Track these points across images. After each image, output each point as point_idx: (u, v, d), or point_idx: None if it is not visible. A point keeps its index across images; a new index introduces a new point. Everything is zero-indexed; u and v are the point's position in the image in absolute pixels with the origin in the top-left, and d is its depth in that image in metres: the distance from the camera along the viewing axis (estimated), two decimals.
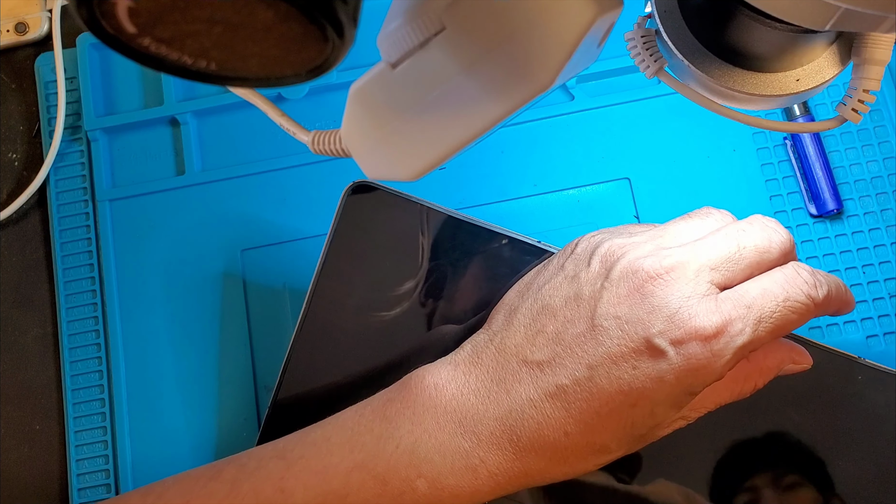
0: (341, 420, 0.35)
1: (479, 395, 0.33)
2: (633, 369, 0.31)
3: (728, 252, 0.32)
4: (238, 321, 0.45)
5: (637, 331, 0.31)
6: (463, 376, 0.34)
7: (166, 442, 0.44)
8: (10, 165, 0.49)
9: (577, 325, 0.32)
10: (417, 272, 0.41)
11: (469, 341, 0.36)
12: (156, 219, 0.46)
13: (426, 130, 0.27)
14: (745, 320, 0.31)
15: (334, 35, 0.19)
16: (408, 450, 0.33)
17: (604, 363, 0.31)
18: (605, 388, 0.31)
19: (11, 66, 0.50)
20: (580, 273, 0.34)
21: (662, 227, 0.35)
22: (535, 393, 0.32)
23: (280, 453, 0.35)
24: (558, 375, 0.32)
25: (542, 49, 0.25)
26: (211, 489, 0.34)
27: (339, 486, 0.33)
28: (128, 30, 0.19)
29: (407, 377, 0.35)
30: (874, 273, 0.44)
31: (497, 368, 0.33)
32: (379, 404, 0.34)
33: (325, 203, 0.45)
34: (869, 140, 0.45)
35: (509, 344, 0.34)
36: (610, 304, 0.32)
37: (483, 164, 0.46)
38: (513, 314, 0.35)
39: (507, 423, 0.32)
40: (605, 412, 0.31)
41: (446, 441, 0.33)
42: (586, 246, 0.35)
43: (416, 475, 0.33)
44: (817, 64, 0.28)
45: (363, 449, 0.33)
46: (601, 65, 0.46)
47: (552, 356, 0.32)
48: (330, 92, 0.48)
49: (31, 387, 0.45)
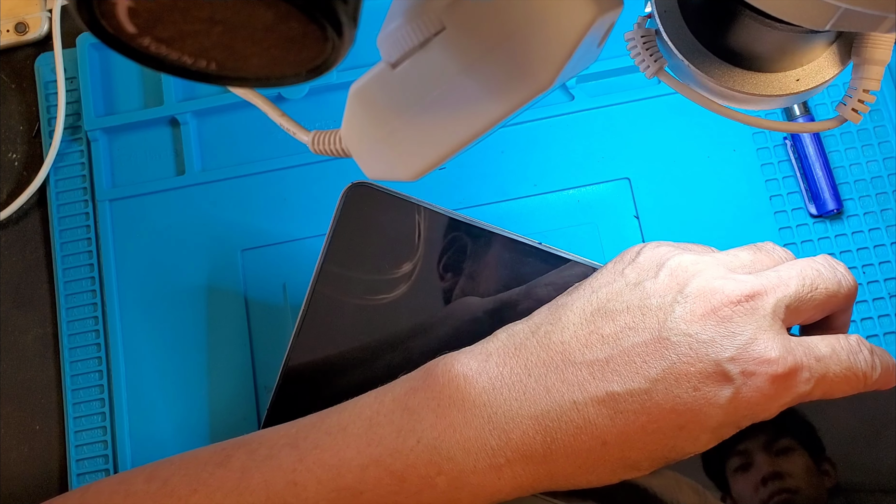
0: (359, 407, 0.33)
1: (514, 390, 0.31)
2: (693, 390, 0.30)
3: (803, 291, 0.32)
4: (238, 321, 0.45)
5: (708, 352, 0.30)
6: (496, 368, 0.32)
7: (166, 441, 0.44)
8: (10, 165, 0.49)
9: (639, 333, 0.31)
10: (417, 273, 0.41)
11: (503, 331, 0.34)
12: (156, 219, 0.46)
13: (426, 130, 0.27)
14: (813, 371, 0.31)
15: (334, 35, 0.19)
16: (429, 445, 0.31)
17: (665, 378, 0.30)
18: (659, 403, 0.30)
19: (11, 66, 0.50)
20: (645, 282, 0.32)
21: (724, 252, 0.34)
22: (580, 395, 0.31)
23: (293, 440, 0.33)
24: (610, 382, 0.30)
25: (542, 49, 0.25)
26: (219, 477, 0.32)
27: (353, 482, 0.31)
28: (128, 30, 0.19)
29: (432, 364, 0.33)
30: (874, 273, 0.44)
31: (537, 363, 0.32)
32: (401, 393, 0.33)
33: (324, 203, 0.45)
34: (869, 140, 0.45)
35: (555, 340, 0.32)
36: (682, 319, 0.31)
37: (483, 164, 0.46)
38: (561, 310, 0.33)
39: (543, 424, 0.31)
40: (652, 429, 0.30)
41: (472, 437, 0.31)
42: (652, 256, 0.33)
43: (437, 472, 0.31)
44: (817, 64, 0.28)
45: (381, 443, 0.31)
46: (601, 65, 0.46)
47: (606, 360, 0.31)
48: (330, 92, 0.48)
49: (31, 387, 0.45)
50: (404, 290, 0.41)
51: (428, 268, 0.41)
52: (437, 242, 0.41)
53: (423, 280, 0.41)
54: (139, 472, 0.34)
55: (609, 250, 0.44)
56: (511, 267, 0.40)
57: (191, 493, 0.32)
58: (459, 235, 0.41)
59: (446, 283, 0.41)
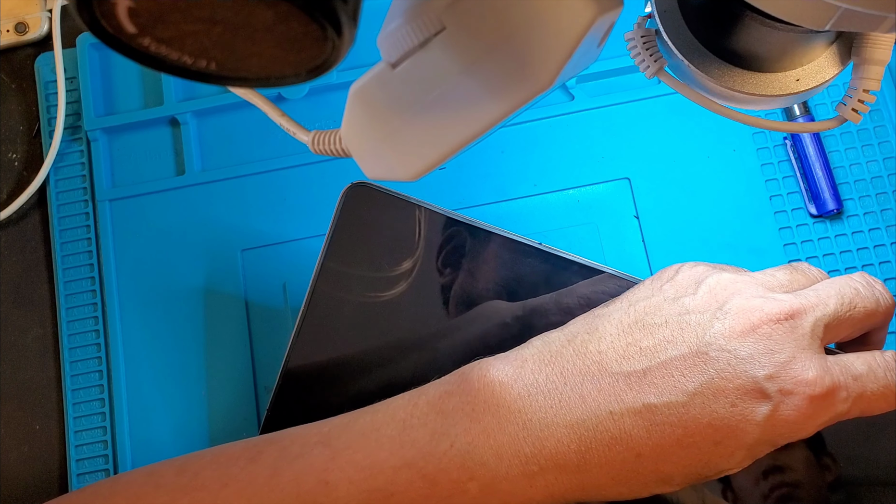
0: (392, 409, 0.33)
1: (549, 398, 0.31)
2: (731, 406, 0.30)
3: (841, 309, 0.32)
4: (238, 321, 0.45)
5: (746, 369, 0.30)
6: (531, 375, 0.32)
7: (166, 441, 0.44)
8: (10, 165, 0.49)
9: (678, 347, 0.31)
10: (416, 273, 0.41)
11: (538, 338, 0.34)
12: (156, 219, 0.46)
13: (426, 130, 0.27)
14: (850, 391, 0.31)
15: (334, 35, 0.19)
16: (463, 450, 0.31)
17: (703, 393, 0.30)
18: (696, 417, 0.30)
19: (11, 66, 0.50)
20: (683, 298, 0.32)
21: (761, 272, 0.34)
22: (617, 406, 0.31)
23: (325, 439, 0.33)
24: (647, 393, 0.30)
25: (542, 49, 0.25)
26: (250, 472, 0.32)
27: (385, 484, 0.31)
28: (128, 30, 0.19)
29: (467, 369, 0.33)
30: (874, 273, 0.44)
31: (574, 372, 0.31)
32: (435, 396, 0.32)
33: (324, 203, 0.45)
34: (869, 140, 0.45)
35: (592, 349, 0.32)
36: (722, 335, 0.31)
37: (483, 164, 0.46)
38: (598, 320, 0.33)
39: (579, 433, 0.31)
40: (688, 443, 0.30)
41: (506, 444, 0.31)
42: (690, 274, 0.34)
43: (469, 478, 0.31)
44: (817, 64, 0.28)
45: (414, 445, 0.31)
46: (601, 65, 0.46)
47: (643, 372, 0.31)
48: (330, 92, 0.48)
49: (31, 387, 0.45)
50: (404, 289, 0.41)
51: (428, 268, 0.41)
52: (437, 242, 0.41)
53: (423, 280, 0.41)
54: (168, 465, 0.34)
55: (609, 250, 0.44)
56: (511, 267, 0.40)
57: (221, 487, 0.32)
58: (459, 235, 0.41)
59: (446, 282, 0.41)
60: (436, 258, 0.41)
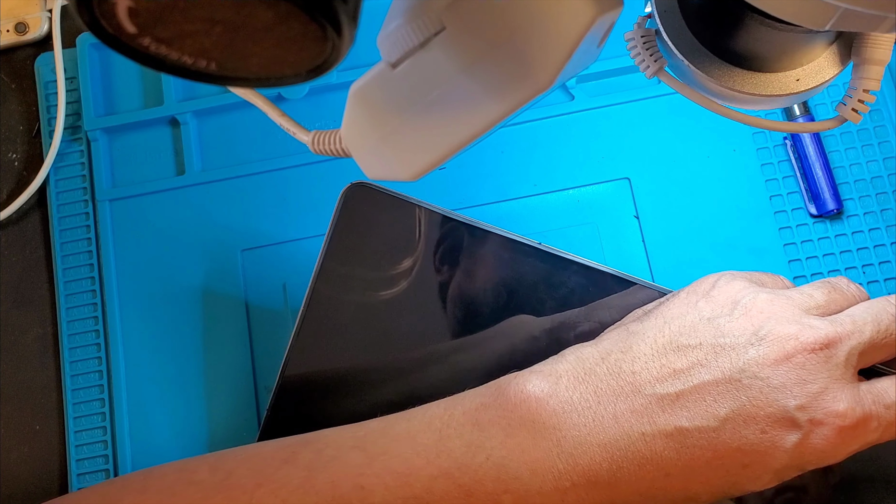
0: (428, 417, 0.33)
1: (583, 416, 0.31)
2: (761, 433, 0.30)
3: (877, 336, 0.32)
4: (238, 321, 0.45)
5: (778, 398, 0.30)
6: (566, 392, 0.32)
7: (166, 442, 0.44)
8: (10, 165, 0.49)
9: (711, 371, 0.31)
10: (416, 273, 0.41)
11: (571, 352, 0.34)
12: (156, 219, 0.46)
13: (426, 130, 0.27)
14: (881, 420, 0.31)
15: (334, 35, 0.19)
16: (497, 463, 0.31)
17: (735, 419, 0.31)
18: (726, 442, 0.30)
19: (11, 66, 0.50)
20: (719, 319, 0.33)
21: (798, 290, 0.34)
22: (649, 427, 0.31)
23: (360, 443, 0.33)
24: (679, 417, 0.31)
25: (542, 49, 0.25)
26: (285, 474, 0.32)
27: (421, 492, 0.31)
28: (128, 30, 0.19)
29: (504, 382, 0.33)
30: (874, 273, 0.44)
31: (607, 391, 0.32)
32: (471, 407, 0.33)
33: (324, 203, 0.45)
34: (869, 140, 0.45)
35: (626, 369, 0.32)
36: (755, 362, 0.31)
37: (483, 164, 0.46)
38: (632, 338, 0.33)
39: (611, 452, 0.31)
40: (716, 465, 0.31)
41: (540, 459, 0.31)
42: (727, 290, 0.34)
43: (503, 490, 0.31)
44: (817, 64, 0.28)
45: (450, 456, 0.32)
46: (601, 65, 0.46)
47: (676, 395, 0.31)
48: (330, 92, 0.48)
49: (31, 387, 0.45)
50: (404, 288, 0.41)
51: (427, 267, 0.41)
52: (437, 242, 0.41)
53: (423, 280, 0.41)
54: (201, 461, 0.34)
55: (609, 250, 0.44)
56: (511, 267, 0.40)
57: (255, 486, 0.32)
58: (459, 236, 0.41)
59: (446, 283, 0.41)
60: (436, 258, 0.41)
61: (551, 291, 0.40)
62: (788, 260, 0.44)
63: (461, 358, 0.39)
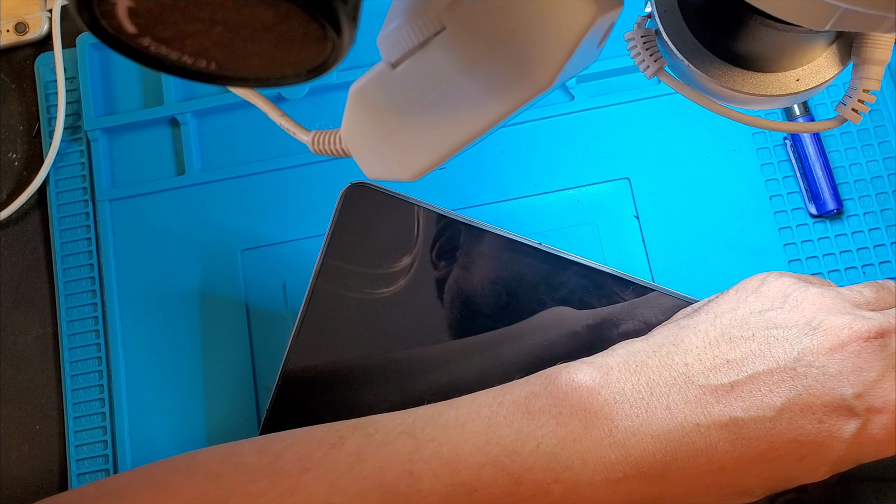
0: (477, 405, 0.33)
1: (636, 407, 0.31)
2: (818, 422, 0.30)
3: None
4: (238, 321, 0.45)
5: (834, 386, 0.30)
6: (617, 383, 0.32)
7: (166, 441, 0.44)
8: (10, 165, 0.49)
9: (765, 362, 0.31)
10: (415, 272, 0.41)
11: (622, 346, 0.34)
12: (156, 219, 0.46)
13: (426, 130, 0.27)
14: None
15: (334, 35, 0.19)
16: (548, 452, 0.31)
17: (790, 408, 0.30)
18: (782, 433, 0.30)
19: (11, 66, 0.50)
20: (770, 312, 0.33)
21: (847, 288, 0.34)
22: (703, 418, 0.31)
23: (409, 430, 0.33)
24: (734, 407, 0.31)
25: (542, 49, 0.25)
26: (333, 458, 0.32)
27: (469, 479, 0.31)
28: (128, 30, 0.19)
29: (554, 371, 0.33)
30: (874, 273, 0.44)
31: (660, 383, 0.32)
32: (521, 396, 0.32)
33: (324, 203, 0.45)
34: (869, 140, 0.45)
35: (678, 361, 0.32)
36: (810, 351, 0.31)
37: (483, 164, 0.46)
38: (683, 332, 0.33)
39: (664, 443, 0.31)
40: (771, 457, 0.30)
41: (591, 449, 0.31)
42: (776, 286, 0.34)
43: (553, 479, 0.31)
44: (817, 64, 0.28)
45: (500, 443, 0.31)
46: (601, 65, 0.46)
47: (730, 385, 0.31)
48: (330, 92, 0.48)
49: (31, 387, 0.45)
50: (404, 288, 0.41)
51: (427, 268, 0.41)
52: (437, 243, 0.41)
53: (423, 280, 0.41)
54: (248, 445, 0.34)
55: (609, 250, 0.44)
56: (511, 267, 0.40)
57: (303, 471, 0.32)
58: (459, 236, 0.41)
59: (445, 282, 0.41)
60: (435, 258, 0.41)
61: (551, 292, 0.40)
62: (788, 260, 0.44)
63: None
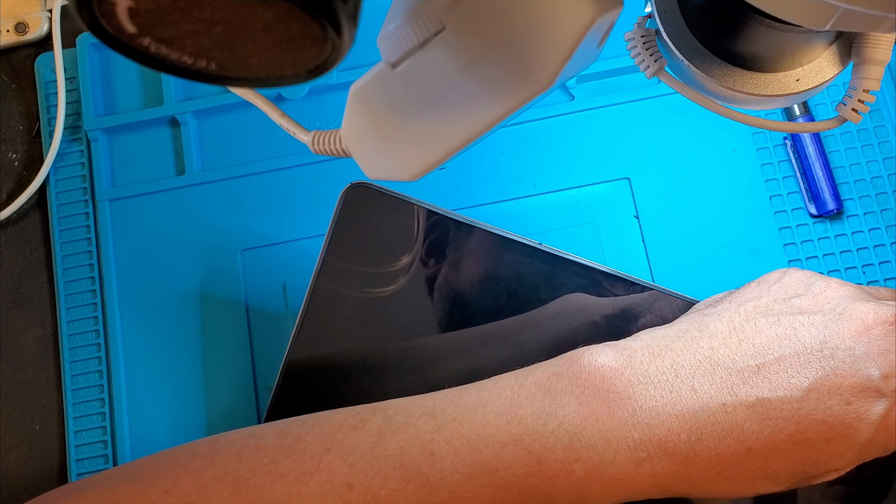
0: (498, 386, 0.33)
1: (660, 388, 0.31)
2: (845, 404, 0.30)
3: None
4: (238, 321, 0.45)
5: (862, 367, 0.30)
6: (641, 365, 0.32)
7: (166, 442, 0.44)
8: (10, 165, 0.49)
9: (793, 344, 0.31)
10: (415, 272, 0.41)
11: (645, 333, 0.34)
12: (156, 219, 0.46)
13: (426, 130, 0.27)
14: None
15: (334, 35, 0.19)
16: (570, 431, 0.31)
17: (818, 389, 0.30)
18: (810, 413, 0.30)
19: (11, 66, 0.50)
20: (794, 299, 0.33)
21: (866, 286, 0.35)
22: (730, 398, 0.31)
23: (430, 411, 0.33)
24: (761, 388, 0.31)
25: (542, 49, 0.25)
26: (354, 439, 0.32)
27: (490, 458, 0.31)
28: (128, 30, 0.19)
29: (576, 353, 0.33)
30: (874, 273, 0.44)
31: (685, 365, 0.32)
32: (542, 377, 0.32)
33: (324, 203, 0.45)
34: (869, 140, 0.45)
35: (703, 345, 0.32)
36: (837, 334, 0.31)
37: (483, 164, 0.46)
38: (707, 318, 0.33)
39: (690, 423, 0.31)
40: (799, 439, 0.30)
41: (615, 429, 0.31)
42: (798, 277, 0.34)
43: (575, 459, 0.31)
44: (817, 64, 0.28)
45: (521, 423, 0.31)
46: (601, 65, 0.46)
47: (757, 367, 0.31)
48: (330, 92, 0.48)
49: (31, 387, 0.45)
50: (404, 287, 0.41)
51: (427, 267, 0.41)
52: (437, 242, 0.41)
53: (423, 279, 0.41)
54: (270, 428, 0.34)
55: (609, 250, 0.44)
56: (510, 267, 0.40)
57: (324, 452, 0.32)
58: (459, 235, 0.41)
59: (445, 282, 0.41)
60: (435, 258, 0.41)
61: (551, 291, 0.40)
62: (788, 260, 0.44)
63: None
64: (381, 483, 0.31)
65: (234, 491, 0.32)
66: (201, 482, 0.32)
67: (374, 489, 0.31)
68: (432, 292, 0.41)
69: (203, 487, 0.32)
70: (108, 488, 0.33)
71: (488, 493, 0.31)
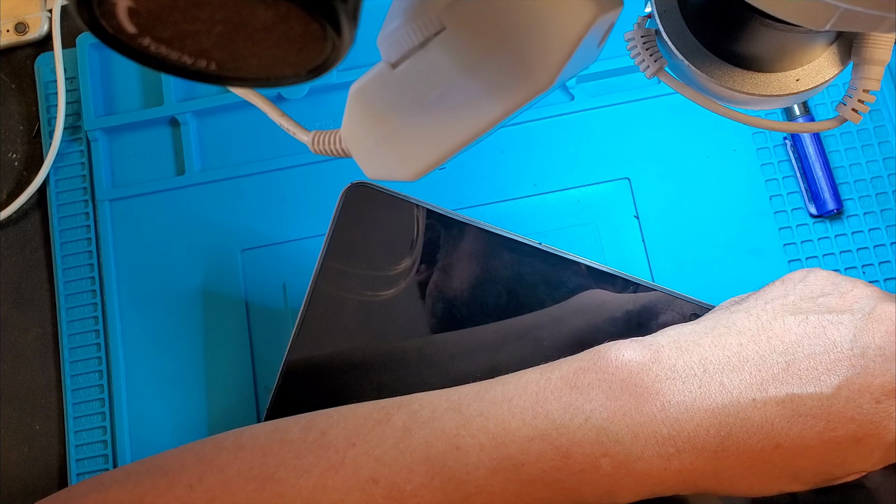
0: (524, 381, 0.33)
1: (688, 384, 0.31)
2: (876, 403, 0.30)
3: None
4: (238, 321, 0.45)
5: (892, 367, 0.30)
6: (668, 360, 0.32)
7: (166, 442, 0.44)
8: (10, 165, 0.49)
9: (822, 342, 0.31)
10: (415, 272, 0.41)
11: (671, 329, 0.34)
12: (156, 219, 0.46)
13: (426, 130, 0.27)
14: None
15: (334, 35, 0.19)
16: (598, 426, 0.30)
17: (848, 387, 0.30)
18: (840, 411, 0.30)
19: (11, 66, 0.50)
20: (821, 298, 0.33)
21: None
22: (760, 394, 0.30)
23: (455, 406, 0.32)
24: (791, 384, 0.30)
25: (542, 49, 0.25)
26: (379, 434, 0.32)
27: (516, 453, 0.31)
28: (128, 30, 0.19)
29: (603, 348, 0.33)
30: (874, 273, 0.44)
31: (713, 361, 0.31)
32: (569, 372, 0.32)
33: (324, 203, 0.45)
34: (869, 140, 0.45)
35: (731, 342, 0.32)
36: (867, 333, 0.31)
37: (483, 164, 0.46)
38: (734, 316, 0.33)
39: (720, 418, 0.30)
40: (828, 437, 0.30)
41: (643, 423, 0.30)
42: (823, 276, 0.34)
43: (602, 454, 0.30)
44: (817, 64, 0.28)
45: (547, 417, 0.31)
46: (601, 65, 0.46)
47: (787, 364, 0.31)
48: (330, 92, 0.48)
49: (31, 387, 0.45)
50: (403, 287, 0.41)
51: (427, 268, 0.41)
52: (437, 242, 0.41)
53: (423, 281, 0.41)
54: (294, 422, 0.34)
55: (609, 250, 0.44)
56: (511, 267, 0.40)
57: (349, 446, 0.32)
58: (459, 235, 0.41)
59: (445, 282, 0.41)
60: (435, 258, 0.41)
61: (551, 291, 0.40)
62: (788, 260, 0.44)
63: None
64: (406, 478, 0.31)
65: (259, 486, 0.32)
66: (226, 477, 0.32)
67: (399, 484, 0.31)
68: (433, 294, 0.41)
69: (228, 482, 0.32)
70: (133, 483, 0.33)
71: (514, 488, 0.31)
